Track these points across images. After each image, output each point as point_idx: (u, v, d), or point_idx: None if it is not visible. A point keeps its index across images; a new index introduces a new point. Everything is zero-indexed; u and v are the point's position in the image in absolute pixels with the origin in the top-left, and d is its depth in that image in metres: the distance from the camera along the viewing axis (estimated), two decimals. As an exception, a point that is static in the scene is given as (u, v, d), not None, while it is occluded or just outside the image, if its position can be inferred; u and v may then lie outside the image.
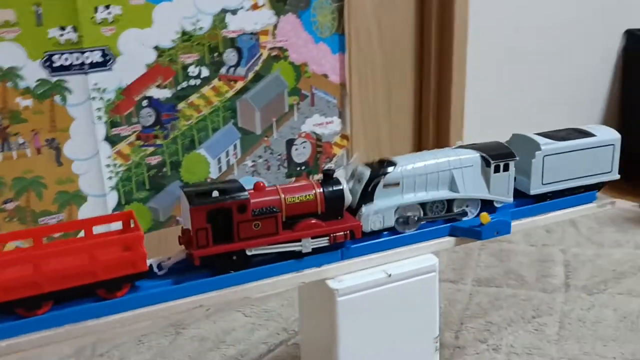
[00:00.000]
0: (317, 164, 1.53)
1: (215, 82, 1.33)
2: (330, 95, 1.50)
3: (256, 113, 1.40)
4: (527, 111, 1.82)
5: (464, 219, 0.89)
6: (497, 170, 0.88)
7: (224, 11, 1.29)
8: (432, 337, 0.87)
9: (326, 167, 0.80)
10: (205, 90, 1.32)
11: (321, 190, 0.78)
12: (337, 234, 0.78)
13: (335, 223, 0.79)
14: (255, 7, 1.33)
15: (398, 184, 0.82)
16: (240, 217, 0.72)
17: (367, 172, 0.82)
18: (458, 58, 1.59)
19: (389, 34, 1.56)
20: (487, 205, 0.90)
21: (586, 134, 0.98)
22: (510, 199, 0.91)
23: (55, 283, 0.68)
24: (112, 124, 1.24)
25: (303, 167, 1.51)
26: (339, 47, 1.47)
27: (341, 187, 0.79)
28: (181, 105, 1.30)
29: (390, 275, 0.81)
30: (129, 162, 1.27)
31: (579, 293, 1.34)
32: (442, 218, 0.88)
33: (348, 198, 0.80)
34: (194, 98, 1.31)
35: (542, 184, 0.94)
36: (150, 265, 0.73)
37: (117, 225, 0.78)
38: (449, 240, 0.88)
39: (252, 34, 1.34)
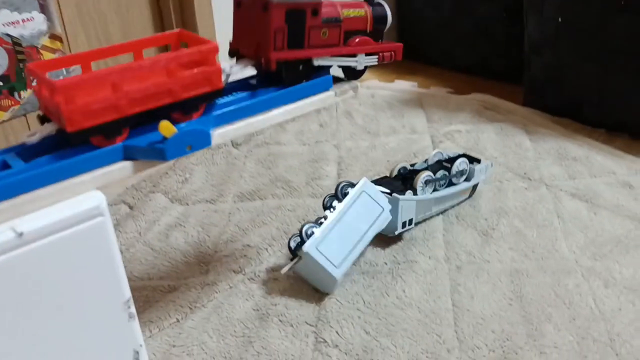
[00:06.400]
0: (21, 76, 1.17)
1: None
2: (19, -18, 1.12)
3: None
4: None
5: None
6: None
7: None
8: (120, 302, 0.63)
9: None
10: None
11: (370, 8, 0.83)
12: (385, 52, 0.84)
13: (381, 44, 0.84)
14: None
15: None
16: (312, 22, 0.75)
17: None
18: None
19: None
20: None
21: None
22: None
23: (135, 105, 0.61)
24: None
25: (1, 83, 1.14)
26: None
27: (385, 7, 0.84)
28: None
29: (21, 234, 0.54)
30: None
31: (350, 193, 1.18)
32: None
33: (389, 20, 0.85)
34: None
35: None
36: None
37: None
38: (124, 166, 0.62)
39: None
